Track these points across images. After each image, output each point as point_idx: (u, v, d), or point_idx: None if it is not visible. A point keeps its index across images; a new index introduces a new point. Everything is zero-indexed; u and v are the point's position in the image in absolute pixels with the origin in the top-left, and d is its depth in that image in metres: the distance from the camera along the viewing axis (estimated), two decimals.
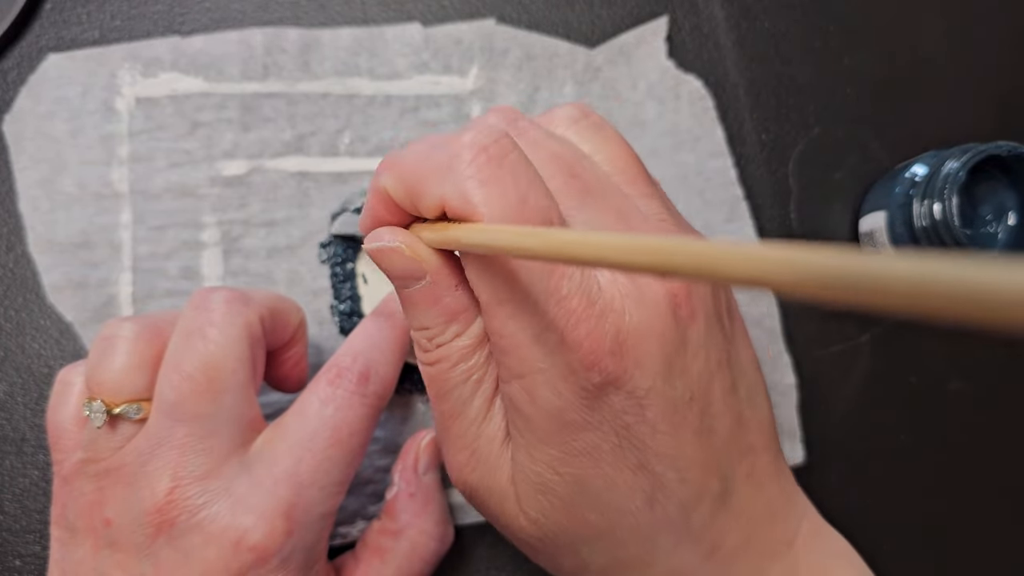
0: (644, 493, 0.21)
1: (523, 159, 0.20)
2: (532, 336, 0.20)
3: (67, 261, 0.33)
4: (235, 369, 0.24)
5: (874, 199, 0.36)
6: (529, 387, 0.20)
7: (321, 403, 0.25)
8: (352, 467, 0.25)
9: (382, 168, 0.21)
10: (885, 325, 0.37)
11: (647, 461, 0.21)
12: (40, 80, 0.34)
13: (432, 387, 0.23)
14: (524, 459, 0.21)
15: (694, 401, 0.21)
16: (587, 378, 0.20)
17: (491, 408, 0.22)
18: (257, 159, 0.34)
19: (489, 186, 0.19)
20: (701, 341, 0.22)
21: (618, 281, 0.20)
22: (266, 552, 0.23)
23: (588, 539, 0.22)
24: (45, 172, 0.33)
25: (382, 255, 0.21)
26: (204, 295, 0.26)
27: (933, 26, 0.39)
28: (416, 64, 0.36)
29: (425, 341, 0.22)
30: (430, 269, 0.21)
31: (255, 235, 0.34)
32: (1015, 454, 0.36)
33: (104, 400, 0.24)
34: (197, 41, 0.35)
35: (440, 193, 0.20)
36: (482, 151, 0.19)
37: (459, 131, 0.20)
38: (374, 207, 0.22)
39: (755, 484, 0.23)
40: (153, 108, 0.34)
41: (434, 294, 0.21)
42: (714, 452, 0.22)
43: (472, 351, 0.22)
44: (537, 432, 0.21)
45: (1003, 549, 0.36)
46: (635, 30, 0.37)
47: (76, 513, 0.24)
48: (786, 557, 0.24)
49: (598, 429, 0.20)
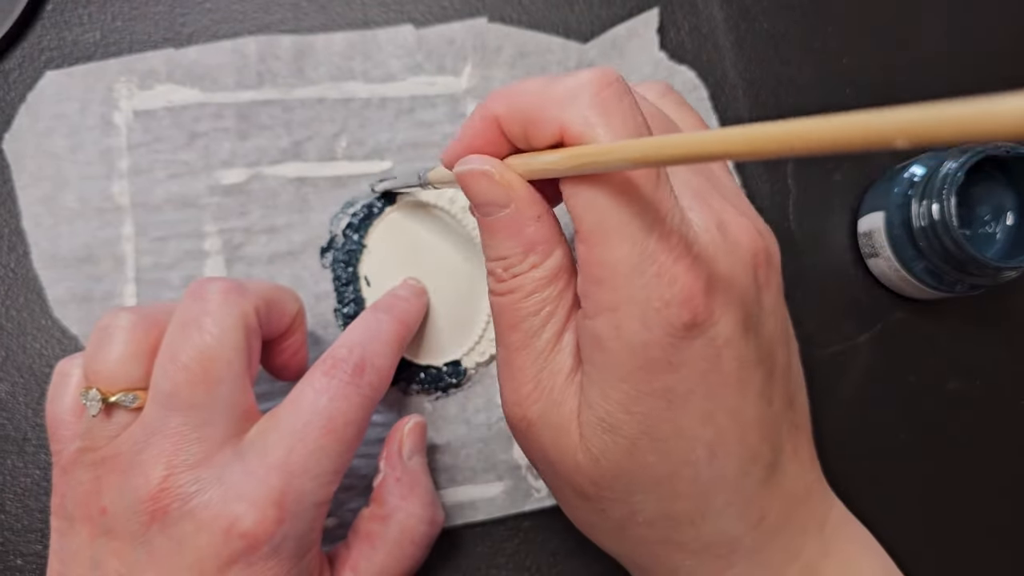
0: (707, 445, 0.21)
1: (636, 103, 0.21)
2: (631, 265, 0.20)
3: (71, 275, 0.33)
4: (230, 359, 0.25)
5: (873, 199, 0.36)
6: (618, 320, 0.20)
7: (316, 393, 0.25)
8: (346, 457, 0.26)
9: (496, 96, 0.22)
10: (884, 325, 0.37)
11: (714, 412, 0.21)
12: (38, 97, 0.34)
13: (502, 318, 0.23)
14: (596, 396, 0.21)
15: (761, 364, 0.22)
16: (678, 315, 0.20)
17: (559, 341, 0.22)
18: (255, 167, 0.34)
19: (612, 116, 0.20)
20: (771, 308, 0.23)
21: (711, 232, 0.21)
22: (257, 539, 0.23)
23: (644, 485, 0.22)
24: (46, 189, 0.33)
25: (471, 178, 0.22)
26: (201, 285, 0.26)
27: (933, 26, 0.38)
28: (410, 66, 0.36)
29: (501, 271, 0.22)
30: (516, 197, 0.21)
31: (256, 242, 0.34)
32: (1015, 454, 0.36)
33: (100, 389, 0.24)
34: (191, 52, 0.35)
35: (561, 120, 0.20)
36: (607, 85, 0.20)
37: (573, 71, 0.21)
38: (473, 136, 0.22)
39: (799, 462, 0.24)
40: (151, 120, 0.34)
41: (516, 223, 0.22)
42: (770, 421, 0.22)
43: (547, 283, 0.22)
44: (616, 369, 0.21)
45: (1003, 549, 0.36)
46: (627, 23, 0.37)
47: (74, 502, 0.25)
48: (818, 539, 0.24)
49: (676, 372, 0.21)
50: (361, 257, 0.34)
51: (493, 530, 0.34)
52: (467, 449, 0.34)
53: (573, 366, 0.22)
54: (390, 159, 0.35)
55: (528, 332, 0.22)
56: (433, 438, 0.34)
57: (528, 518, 0.34)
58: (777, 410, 0.23)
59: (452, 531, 0.34)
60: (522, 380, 0.23)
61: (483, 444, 0.34)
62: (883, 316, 0.37)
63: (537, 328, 0.22)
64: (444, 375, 0.34)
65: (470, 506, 0.34)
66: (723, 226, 0.22)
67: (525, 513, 0.34)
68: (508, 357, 0.23)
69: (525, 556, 0.34)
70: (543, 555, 0.34)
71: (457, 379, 0.34)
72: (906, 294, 0.36)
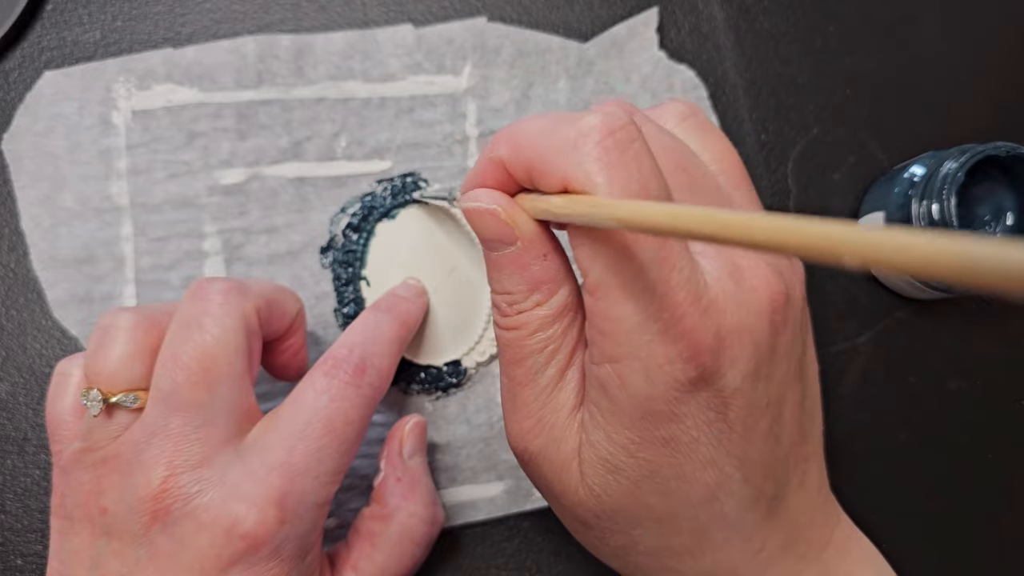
0: (708, 488, 0.22)
1: (646, 148, 0.20)
2: (636, 323, 0.20)
3: (70, 276, 0.33)
4: (231, 360, 0.25)
5: (873, 200, 0.36)
6: (622, 372, 0.20)
7: (316, 393, 0.25)
8: (347, 457, 0.26)
9: (500, 139, 0.21)
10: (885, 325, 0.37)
11: (718, 458, 0.21)
12: (36, 98, 0.34)
13: (506, 352, 0.23)
14: (600, 438, 0.22)
15: (770, 407, 0.22)
16: (683, 371, 0.20)
17: (562, 379, 0.22)
18: (255, 167, 0.34)
19: (614, 169, 0.19)
20: (786, 350, 0.22)
21: (723, 281, 0.21)
22: (258, 540, 0.23)
23: (644, 522, 0.22)
24: (45, 189, 0.33)
25: (476, 215, 0.22)
26: (202, 286, 0.26)
27: (933, 26, 0.38)
28: (409, 65, 0.36)
29: (505, 306, 0.22)
30: (523, 236, 0.21)
31: (256, 242, 0.34)
32: (1015, 454, 0.36)
33: (101, 389, 0.24)
34: (190, 51, 0.35)
35: (563, 171, 0.20)
36: (610, 134, 0.19)
37: (582, 112, 0.20)
38: (483, 175, 0.22)
39: (803, 492, 0.24)
40: (149, 120, 0.34)
41: (522, 260, 0.21)
42: (776, 459, 0.22)
43: (552, 322, 0.22)
44: (620, 415, 0.21)
45: (1003, 549, 0.36)
46: (626, 22, 0.37)
47: (74, 502, 0.25)
48: (819, 561, 0.24)
49: (681, 421, 0.21)
50: (361, 257, 0.34)
51: (493, 530, 0.34)
52: (468, 449, 0.34)
53: (575, 403, 0.22)
54: (390, 159, 0.35)
55: (532, 368, 0.22)
56: (434, 438, 0.34)
57: (528, 518, 0.34)
58: (785, 448, 0.23)
59: (452, 531, 0.34)
60: (525, 414, 0.23)
61: (484, 444, 0.34)
62: (883, 316, 0.37)
63: (541, 365, 0.22)
64: (444, 375, 0.34)
65: (471, 506, 0.34)
66: (738, 273, 0.21)
67: (525, 513, 0.34)
68: (512, 389, 0.23)
69: (525, 556, 0.34)
70: (543, 555, 0.34)
71: (457, 379, 0.34)
72: (906, 294, 0.36)
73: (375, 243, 0.35)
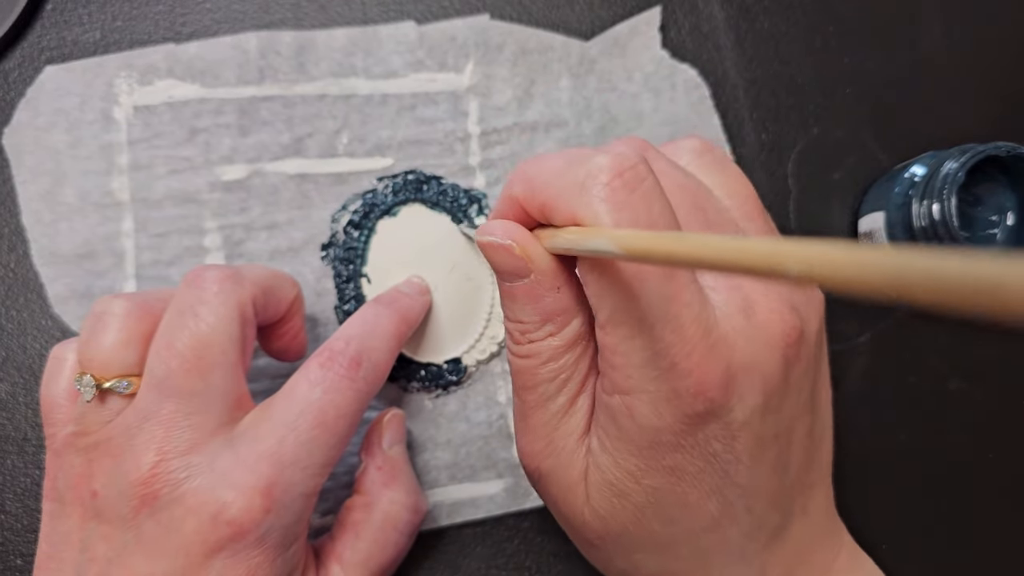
0: (712, 517, 0.22)
1: (656, 187, 0.20)
2: (645, 358, 0.20)
3: (71, 272, 0.33)
4: (225, 348, 0.25)
5: (873, 199, 0.36)
6: (631, 403, 0.21)
7: (310, 384, 0.25)
8: (337, 450, 0.26)
9: (516, 179, 0.22)
10: (884, 325, 0.37)
11: (723, 488, 0.22)
12: (38, 92, 0.34)
13: (519, 378, 0.23)
14: (607, 463, 0.22)
15: (778, 439, 0.22)
16: (691, 405, 0.20)
17: (573, 405, 0.23)
18: (256, 163, 0.34)
19: (622, 211, 0.19)
20: (797, 384, 0.22)
21: (733, 317, 0.21)
22: (243, 527, 0.23)
23: (647, 546, 0.23)
24: (46, 184, 0.33)
25: (491, 249, 0.22)
26: (198, 273, 0.26)
27: (933, 26, 0.38)
28: (412, 62, 0.36)
29: (518, 334, 0.23)
30: (537, 269, 0.21)
31: (257, 239, 0.34)
32: (1015, 454, 0.36)
33: (94, 375, 0.24)
34: (192, 47, 0.35)
35: (572, 211, 0.20)
36: (618, 175, 0.20)
37: (595, 150, 0.21)
38: (503, 212, 0.23)
39: (808, 518, 0.24)
40: (151, 116, 0.34)
41: (535, 292, 0.22)
42: (782, 488, 0.23)
43: (563, 352, 0.22)
44: (628, 444, 0.21)
45: (1003, 549, 0.36)
46: (628, 21, 0.37)
47: (65, 485, 0.25)
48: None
49: (688, 452, 0.21)
50: (362, 254, 0.34)
51: (493, 530, 0.34)
52: (467, 447, 0.34)
53: (584, 429, 0.23)
54: (391, 156, 0.35)
55: (543, 395, 0.23)
56: (434, 436, 0.34)
57: (528, 518, 0.34)
58: (791, 477, 0.23)
59: (452, 531, 0.34)
60: (535, 436, 0.23)
61: (484, 442, 0.34)
62: (883, 316, 0.37)
63: (552, 393, 0.23)
64: (445, 373, 0.34)
65: (471, 503, 0.34)
66: (750, 308, 0.21)
67: (525, 513, 0.34)
68: (524, 411, 0.24)
69: (525, 556, 0.34)
70: (543, 555, 0.34)
71: (458, 377, 0.34)
72: None
73: (376, 240, 0.35)
